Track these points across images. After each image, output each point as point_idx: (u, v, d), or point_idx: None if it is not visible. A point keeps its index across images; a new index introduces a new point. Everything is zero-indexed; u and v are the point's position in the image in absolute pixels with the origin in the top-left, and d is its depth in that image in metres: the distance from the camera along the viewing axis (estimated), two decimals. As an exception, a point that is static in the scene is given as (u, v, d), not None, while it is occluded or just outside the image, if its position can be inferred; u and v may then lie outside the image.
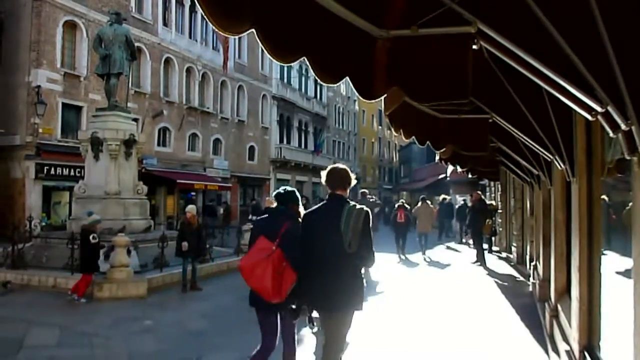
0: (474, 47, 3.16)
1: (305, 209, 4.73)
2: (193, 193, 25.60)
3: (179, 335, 7.27)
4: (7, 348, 6.42)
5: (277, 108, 38.17)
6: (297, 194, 4.73)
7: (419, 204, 18.05)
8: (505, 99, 4.17)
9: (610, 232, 4.36)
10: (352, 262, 4.05)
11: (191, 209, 11.16)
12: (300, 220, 4.43)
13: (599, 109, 2.42)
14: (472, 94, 4.56)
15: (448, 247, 20.63)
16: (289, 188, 4.77)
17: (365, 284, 4.26)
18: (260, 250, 4.24)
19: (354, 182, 4.36)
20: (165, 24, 27.55)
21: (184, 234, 10.48)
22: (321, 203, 4.48)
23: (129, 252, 10.59)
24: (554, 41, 2.20)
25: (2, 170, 20.13)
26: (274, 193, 4.77)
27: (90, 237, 9.37)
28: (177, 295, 10.18)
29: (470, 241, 18.66)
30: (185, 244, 10.27)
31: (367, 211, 4.09)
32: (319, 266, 4.08)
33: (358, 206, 4.12)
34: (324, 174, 4.39)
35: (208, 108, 30.45)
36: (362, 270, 4.34)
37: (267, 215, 4.79)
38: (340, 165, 4.50)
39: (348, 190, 4.33)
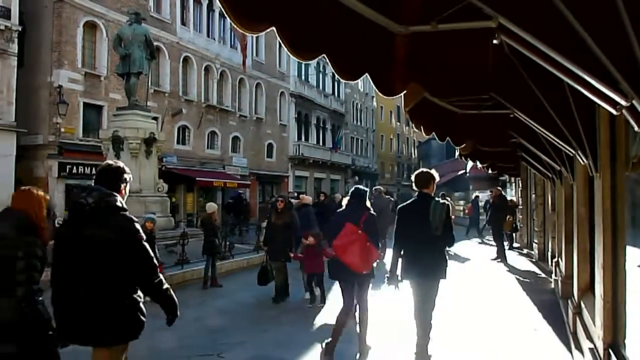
0: (495, 42, 3.12)
1: (323, 204, 5.83)
2: (241, 191, 26.19)
3: (199, 331, 7.32)
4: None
5: (295, 105, 38.24)
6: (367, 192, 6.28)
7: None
8: (526, 93, 4.12)
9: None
10: (438, 242, 5.39)
11: (211, 206, 11.29)
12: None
13: (623, 102, 2.37)
14: (492, 89, 4.52)
15: (482, 242, 20.55)
16: (362, 187, 6.30)
17: (448, 261, 5.59)
18: (348, 233, 5.56)
19: (437, 180, 5.66)
20: (183, 23, 27.75)
21: (215, 231, 10.92)
22: (412, 199, 5.73)
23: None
24: (576, 34, 2.16)
25: (26, 169, 20.49)
26: (353, 189, 6.24)
27: None
28: (198, 291, 10.26)
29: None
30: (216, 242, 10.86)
31: (448, 205, 5.40)
32: (414, 247, 5.41)
33: (441, 201, 5.37)
34: (412, 177, 5.71)
35: (227, 106, 30.61)
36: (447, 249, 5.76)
37: (346, 208, 6.11)
38: (425, 170, 5.78)
39: (433, 188, 5.60)
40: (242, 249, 14.60)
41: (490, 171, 15.91)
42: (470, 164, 22.08)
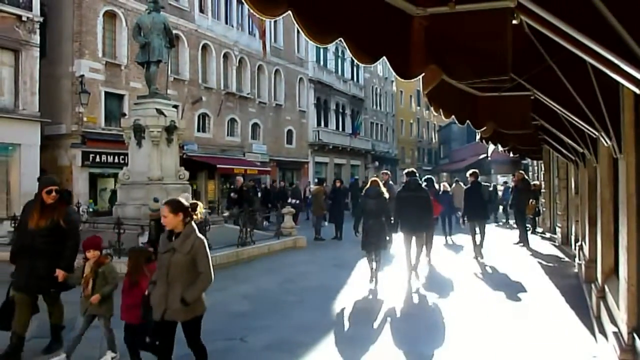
0: (514, 21, 3.07)
1: (339, 189, 7.47)
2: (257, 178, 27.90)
3: (222, 316, 7.41)
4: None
5: (314, 91, 38.12)
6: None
7: (454, 185, 19.18)
8: (548, 74, 4.05)
9: None
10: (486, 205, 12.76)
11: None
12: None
13: (647, 81, 2.32)
14: (512, 70, 4.45)
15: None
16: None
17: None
18: None
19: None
20: (201, 10, 27.75)
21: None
22: (469, 185, 12.57)
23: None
24: (598, 12, 2.11)
25: (51, 158, 20.83)
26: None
27: None
28: (220, 277, 10.33)
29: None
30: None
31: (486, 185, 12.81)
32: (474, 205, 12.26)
33: (484, 184, 10.73)
34: (469, 172, 12.69)
35: (248, 94, 30.66)
36: None
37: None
38: (475, 170, 12.13)
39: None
40: (264, 235, 14.67)
41: (511, 154, 15.75)
42: (491, 147, 21.87)
